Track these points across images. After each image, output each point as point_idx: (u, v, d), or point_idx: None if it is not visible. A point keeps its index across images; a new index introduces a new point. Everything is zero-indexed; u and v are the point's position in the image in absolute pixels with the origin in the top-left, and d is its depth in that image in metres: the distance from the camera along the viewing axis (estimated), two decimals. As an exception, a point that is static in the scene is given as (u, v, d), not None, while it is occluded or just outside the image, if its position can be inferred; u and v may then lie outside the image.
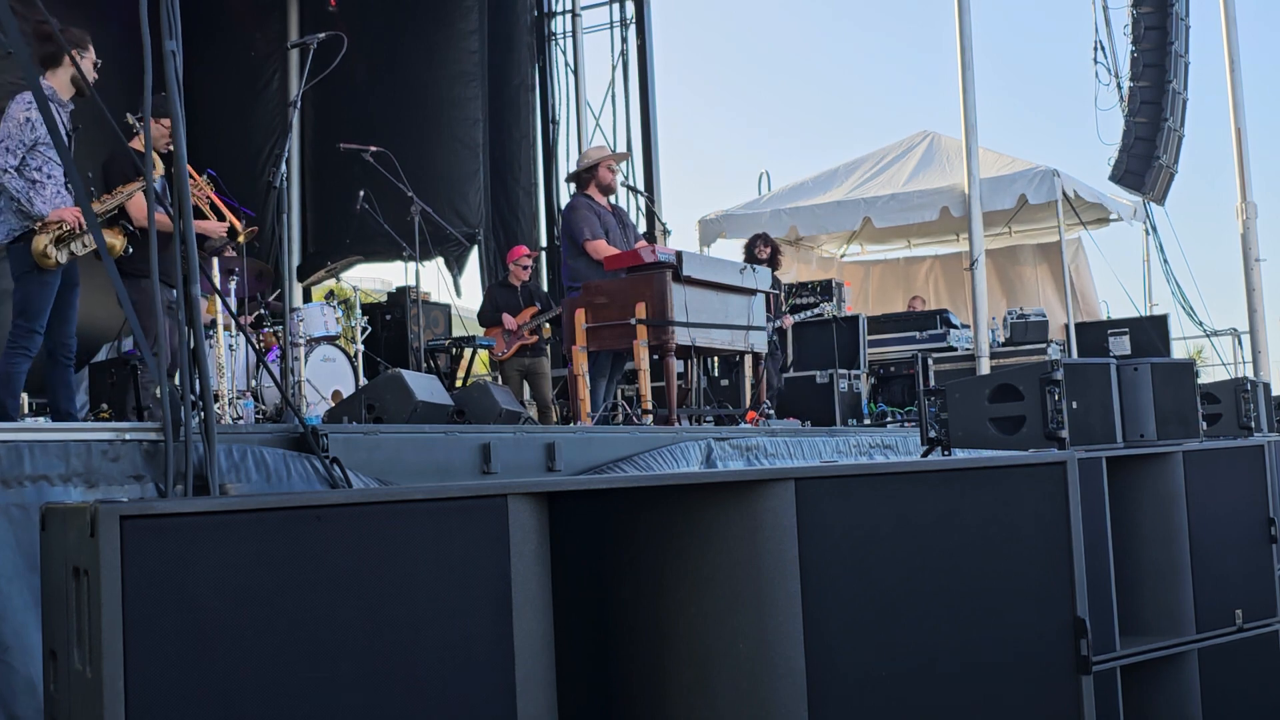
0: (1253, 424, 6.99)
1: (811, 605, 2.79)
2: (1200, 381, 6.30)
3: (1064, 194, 13.54)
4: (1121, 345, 12.95)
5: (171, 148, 6.47)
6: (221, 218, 7.29)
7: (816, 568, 2.81)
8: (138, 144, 6.84)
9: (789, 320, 11.43)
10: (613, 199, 8.82)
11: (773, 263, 11.43)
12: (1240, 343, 15.11)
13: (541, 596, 2.54)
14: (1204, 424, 6.25)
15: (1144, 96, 13.50)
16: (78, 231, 6.20)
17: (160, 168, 6.49)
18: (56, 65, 6.34)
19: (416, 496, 2.45)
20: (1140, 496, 5.40)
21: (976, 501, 3.12)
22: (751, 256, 11.33)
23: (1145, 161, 13.74)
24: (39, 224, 6.16)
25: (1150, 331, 13.23)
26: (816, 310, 12.18)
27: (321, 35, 7.10)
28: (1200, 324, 15.33)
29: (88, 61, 6.35)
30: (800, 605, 2.77)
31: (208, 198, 7.22)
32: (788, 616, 2.76)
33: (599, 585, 2.87)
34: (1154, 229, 15.41)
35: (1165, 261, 15.33)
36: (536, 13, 14.64)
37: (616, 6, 14.43)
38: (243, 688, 2.21)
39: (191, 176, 6.50)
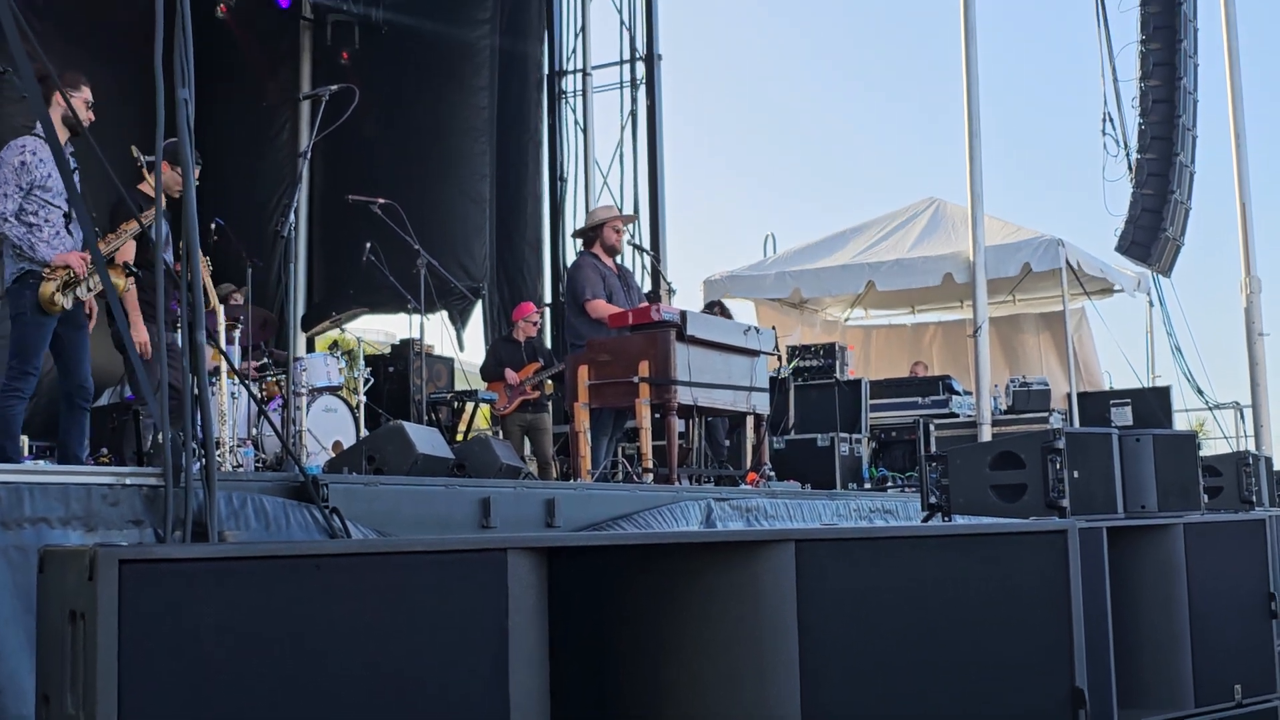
0: (1254, 498, 6.98)
1: (810, 667, 2.79)
2: (1202, 454, 6.29)
3: (1068, 264, 13.57)
4: (1124, 416, 12.93)
5: (175, 194, 6.54)
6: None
7: (815, 630, 2.81)
8: (145, 186, 6.88)
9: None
10: (618, 258, 8.85)
11: None
12: (1243, 416, 15.09)
13: (539, 651, 2.54)
14: (1205, 497, 6.24)
15: (1151, 169, 13.56)
16: (83, 276, 6.21)
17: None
18: (48, 104, 6.37)
19: (417, 548, 2.46)
20: (1141, 567, 5.39)
21: (977, 568, 3.13)
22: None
23: (1152, 233, 13.78)
24: (46, 270, 6.16)
25: (1153, 403, 13.22)
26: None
27: (334, 87, 7.15)
28: (1203, 396, 15.33)
29: (80, 100, 6.34)
30: (798, 667, 2.77)
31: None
32: (786, 678, 2.76)
33: (597, 642, 2.87)
34: (1159, 301, 15.45)
35: (1170, 333, 15.36)
36: (547, 71, 14.76)
37: (627, 67, 14.55)
38: None
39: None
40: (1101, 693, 4.78)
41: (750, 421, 8.54)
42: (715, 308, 11.70)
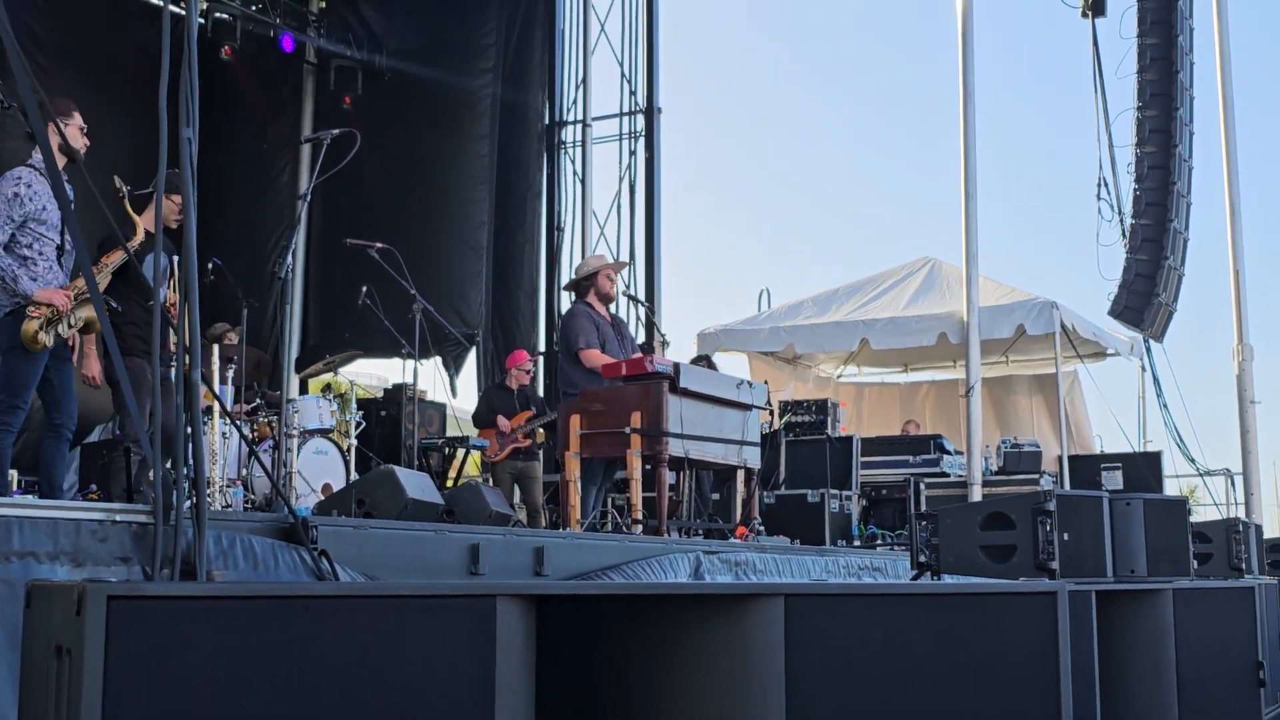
0: (1244, 565, 6.99)
1: None
2: (1192, 520, 6.31)
3: (1062, 326, 13.62)
4: (1114, 480, 12.93)
5: (173, 226, 6.55)
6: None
7: (803, 685, 2.80)
8: (144, 220, 6.88)
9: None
10: (612, 308, 8.86)
11: None
12: (1233, 483, 15.09)
13: (525, 699, 2.54)
14: (1195, 563, 6.25)
15: (1145, 234, 13.63)
16: (65, 313, 6.19)
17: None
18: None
19: (406, 592, 2.46)
20: (1129, 632, 5.38)
21: (966, 628, 3.11)
22: None
23: (1145, 298, 13.84)
24: (31, 308, 6.13)
25: (1143, 468, 13.22)
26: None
27: (335, 131, 7.17)
28: (1194, 463, 15.33)
29: (74, 127, 6.32)
30: None
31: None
32: None
33: (585, 692, 2.85)
34: (1151, 366, 15.48)
35: (1161, 399, 15.38)
36: (548, 121, 14.87)
37: (627, 119, 14.65)
38: None
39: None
40: (1088, 757, 4.77)
41: (741, 475, 8.52)
42: (702, 362, 11.70)
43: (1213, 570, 6.91)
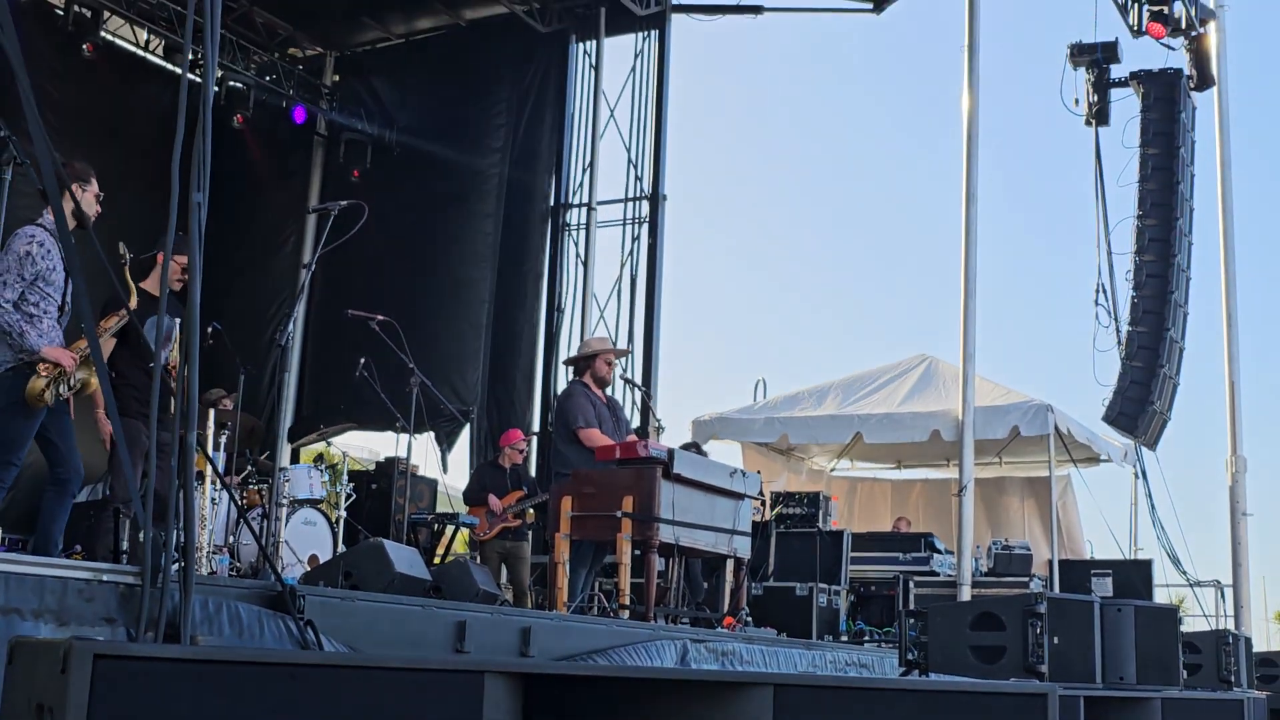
0: (1233, 678, 6.95)
1: None
2: (1181, 631, 6.27)
3: (1057, 430, 13.64)
4: (1104, 586, 12.88)
5: (174, 288, 6.57)
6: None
7: (789, 777, 2.75)
8: (148, 284, 6.91)
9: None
10: (608, 391, 8.87)
11: None
12: (1223, 595, 15.04)
13: (509, 780, 2.49)
14: (1184, 673, 6.21)
15: (1141, 342, 13.69)
16: (71, 373, 6.22)
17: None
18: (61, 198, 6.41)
19: (393, 665, 2.43)
20: (1116, 741, 5.33)
21: (954, 728, 3.06)
22: None
23: (1139, 405, 13.86)
24: (42, 367, 6.16)
25: (1134, 575, 13.18)
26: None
27: (343, 203, 7.21)
28: (1184, 573, 15.27)
29: (90, 194, 6.40)
30: None
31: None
32: None
33: (567, 775, 2.81)
34: (1144, 473, 15.47)
35: (1153, 507, 15.35)
36: (553, 203, 14.97)
37: (631, 205, 14.76)
38: None
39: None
40: None
41: (730, 565, 8.48)
42: (692, 449, 11.68)
43: (1201, 681, 6.86)
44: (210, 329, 7.56)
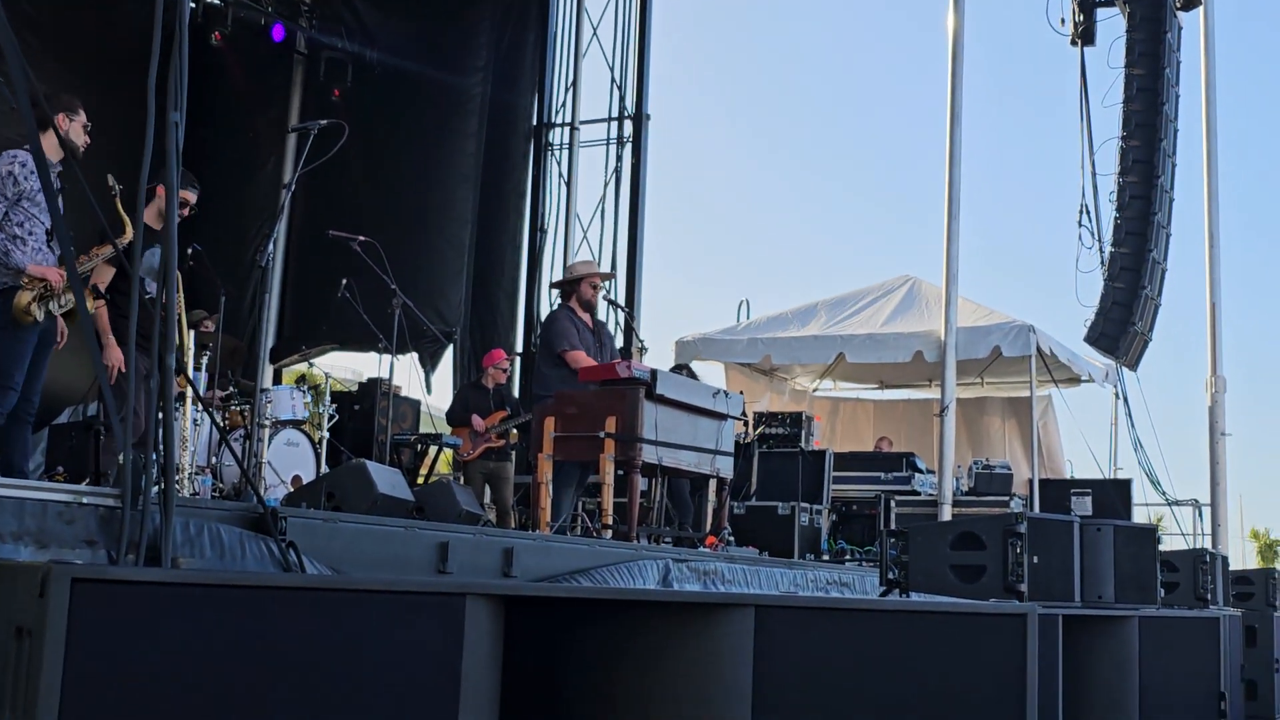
0: (1209, 596, 7.01)
1: None
2: (1159, 550, 6.32)
3: (1038, 350, 13.66)
4: (1084, 506, 12.97)
5: (183, 218, 6.52)
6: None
7: (769, 697, 2.77)
8: (147, 212, 6.85)
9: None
10: (594, 314, 8.85)
11: None
12: (1200, 515, 15.17)
13: (490, 701, 2.51)
14: (1162, 591, 6.26)
15: (1124, 263, 13.68)
16: (58, 291, 6.18)
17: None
18: (45, 129, 6.35)
19: (374, 587, 2.42)
20: (1094, 658, 5.39)
21: (934, 647, 3.09)
22: None
23: (1121, 327, 13.88)
24: (25, 280, 6.13)
25: (1113, 495, 13.27)
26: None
27: (323, 122, 7.14)
28: (1163, 492, 15.39)
29: (77, 124, 6.36)
30: None
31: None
32: None
33: (549, 695, 2.83)
34: (1124, 394, 15.54)
35: (1133, 427, 15.44)
36: (535, 122, 14.84)
37: (614, 124, 14.64)
38: None
39: None
40: (1049, 781, 4.77)
41: (713, 485, 8.51)
42: (683, 370, 11.67)
43: (1178, 600, 6.93)
44: (190, 250, 7.51)
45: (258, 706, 2.24)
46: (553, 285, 9.63)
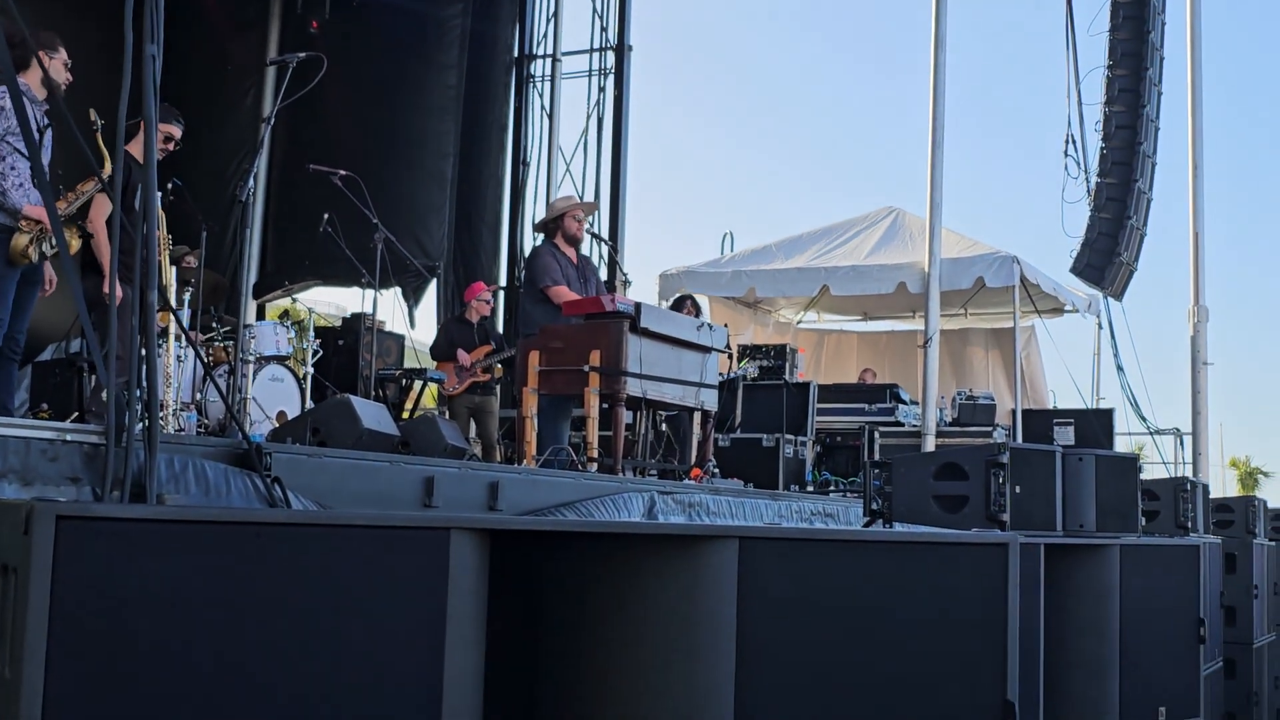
0: (1190, 524, 7.07)
1: (745, 665, 2.77)
2: (1141, 478, 6.35)
3: (1022, 281, 13.67)
4: (1066, 435, 13.04)
5: (165, 154, 6.47)
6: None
7: (753, 628, 2.79)
8: (133, 147, 6.79)
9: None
10: (580, 249, 8.82)
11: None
12: (1182, 443, 15.25)
13: (476, 634, 2.50)
14: (1143, 520, 6.31)
15: (1110, 193, 13.68)
16: (49, 233, 6.15)
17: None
18: (26, 67, 6.29)
19: (359, 522, 2.41)
20: (1075, 586, 5.43)
21: (917, 576, 3.10)
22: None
23: (1107, 257, 13.90)
24: (22, 221, 6.10)
25: (1095, 424, 13.33)
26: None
27: (301, 55, 7.06)
28: (1145, 421, 15.48)
29: (58, 62, 6.30)
30: (734, 664, 2.75)
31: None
32: (721, 675, 2.74)
33: (534, 628, 2.85)
34: (1109, 323, 15.58)
35: (1116, 357, 15.49)
36: (517, 54, 14.72)
37: (597, 56, 14.53)
38: (165, 699, 2.17)
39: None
40: (1030, 709, 4.81)
41: (697, 417, 8.53)
42: (687, 302, 11.57)
43: (1159, 528, 6.98)
44: (171, 185, 7.45)
45: (244, 642, 2.24)
46: (536, 227, 9.58)
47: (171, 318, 7.63)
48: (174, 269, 7.75)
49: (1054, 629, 5.19)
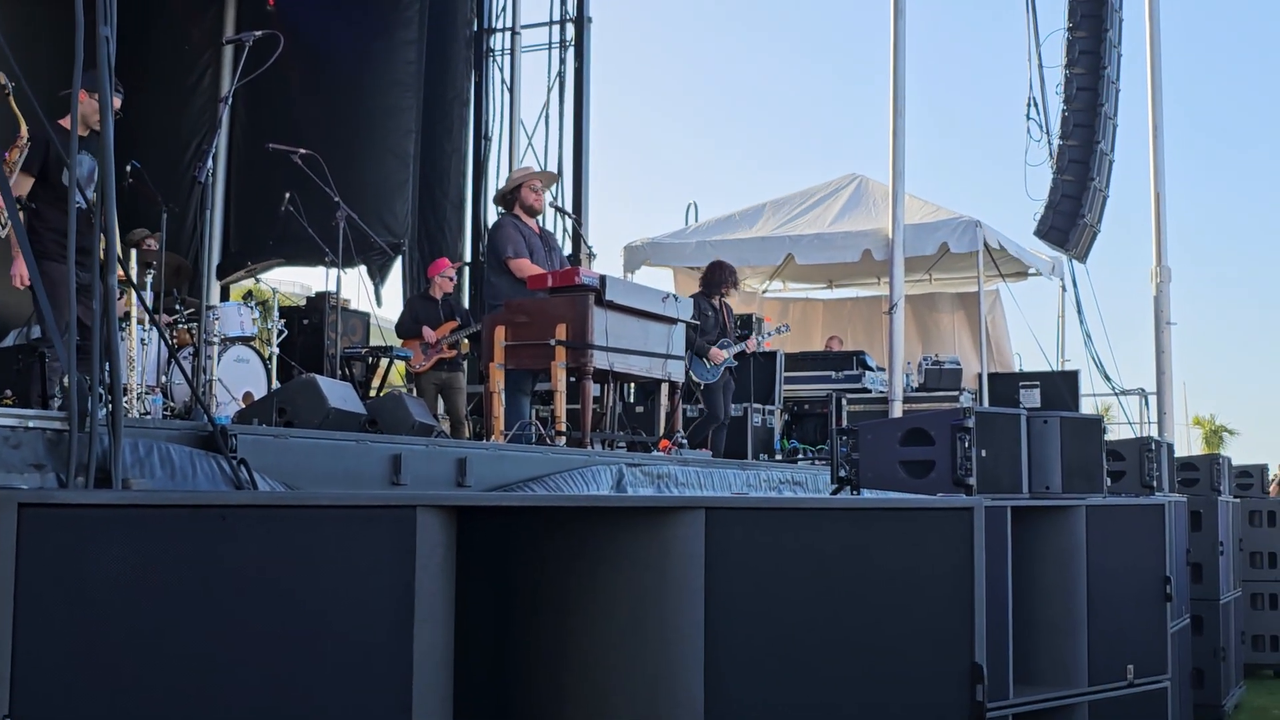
0: (1155, 483, 7.12)
1: (714, 636, 2.77)
2: (1106, 439, 6.39)
3: (986, 245, 13.71)
4: (1032, 398, 13.09)
5: (98, 126, 6.39)
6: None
7: (721, 598, 2.79)
8: (66, 121, 6.72)
9: (751, 344, 11.30)
10: (541, 221, 8.80)
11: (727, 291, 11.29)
12: (1147, 403, 15.36)
13: (444, 611, 2.50)
14: (1108, 480, 6.36)
15: (1072, 155, 13.72)
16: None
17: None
18: None
19: (324, 503, 2.41)
20: (1042, 548, 5.46)
21: (883, 543, 3.10)
22: (712, 285, 11.14)
23: (1070, 219, 13.95)
24: None
25: (1061, 386, 13.40)
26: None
27: (258, 33, 6.99)
28: (1110, 382, 15.57)
29: None
30: (703, 635, 2.75)
31: None
32: (690, 646, 2.75)
33: (503, 603, 2.85)
34: (1073, 285, 15.65)
35: (1081, 319, 15.57)
36: (476, 28, 14.62)
37: (557, 28, 14.46)
38: (133, 685, 2.17)
39: None
40: (999, 670, 4.86)
41: (665, 389, 8.54)
42: (727, 273, 11.24)
43: (1125, 488, 7.04)
44: (129, 167, 7.38)
45: (212, 626, 2.24)
46: (496, 200, 9.54)
47: (135, 300, 7.59)
48: (134, 251, 7.69)
49: (1021, 591, 5.22)
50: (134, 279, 7.56)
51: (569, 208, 13.33)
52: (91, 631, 2.14)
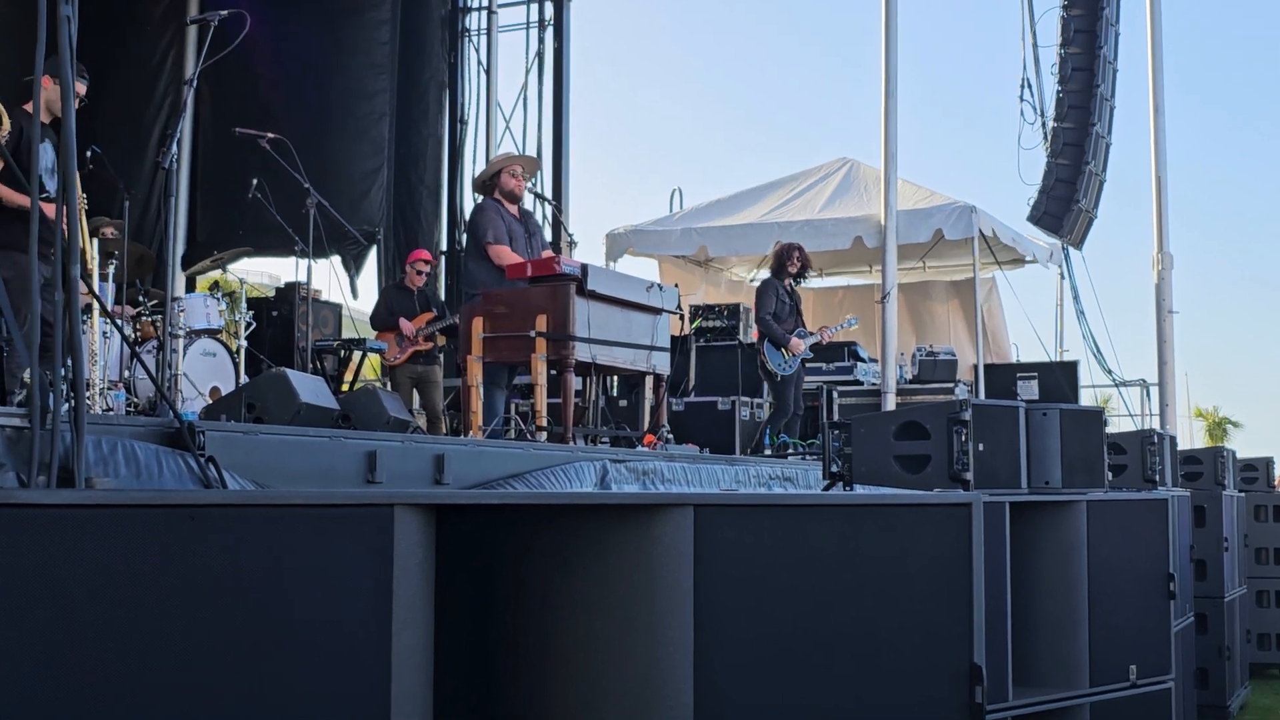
0: (1157, 477, 6.99)
1: (703, 636, 2.74)
2: (1107, 431, 6.25)
3: (981, 232, 13.55)
4: (1030, 390, 12.98)
5: (59, 115, 6.20)
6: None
7: (711, 598, 2.76)
8: (30, 106, 6.55)
9: (826, 335, 11.21)
10: (522, 206, 8.64)
11: (802, 274, 11.20)
12: (1149, 394, 15.24)
13: (424, 612, 2.46)
14: (1110, 474, 6.21)
15: (1067, 138, 13.60)
16: None
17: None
18: None
19: (297, 501, 2.34)
20: (1042, 544, 5.40)
21: (878, 540, 3.10)
22: (782, 268, 11.00)
23: (1065, 204, 13.83)
24: None
25: (1060, 377, 13.28)
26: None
27: (224, 12, 6.85)
28: (1110, 373, 15.44)
29: None
30: (692, 635, 2.72)
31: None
32: (678, 646, 2.71)
33: (485, 604, 2.81)
34: (1071, 273, 15.50)
35: (1079, 308, 15.44)
36: (451, 6, 14.41)
37: (535, 7, 14.32)
38: (103, 690, 2.11)
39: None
40: (998, 670, 4.79)
41: (649, 382, 8.41)
42: (795, 252, 11.14)
43: (1127, 482, 6.91)
44: (89, 153, 7.19)
45: (181, 630, 2.18)
46: (474, 186, 9.41)
47: (92, 294, 7.41)
48: (95, 240, 7.49)
49: (1021, 588, 5.16)
50: (94, 270, 7.37)
51: (549, 194, 13.16)
52: (57, 634, 2.07)
